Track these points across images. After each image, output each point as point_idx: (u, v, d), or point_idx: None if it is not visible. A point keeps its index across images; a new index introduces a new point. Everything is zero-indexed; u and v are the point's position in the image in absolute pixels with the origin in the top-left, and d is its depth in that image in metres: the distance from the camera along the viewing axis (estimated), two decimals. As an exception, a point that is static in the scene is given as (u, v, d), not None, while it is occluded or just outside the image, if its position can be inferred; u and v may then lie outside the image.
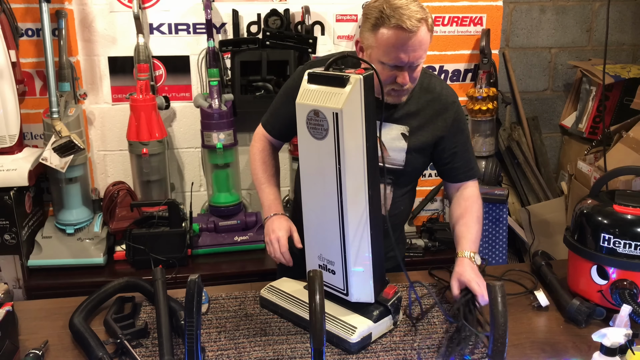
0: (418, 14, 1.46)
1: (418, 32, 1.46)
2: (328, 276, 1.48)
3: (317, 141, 1.36)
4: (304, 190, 1.48)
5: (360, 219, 1.39)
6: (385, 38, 1.47)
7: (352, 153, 1.34)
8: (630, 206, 1.54)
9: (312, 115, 1.35)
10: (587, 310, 1.52)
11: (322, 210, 1.43)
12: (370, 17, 1.50)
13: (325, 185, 1.38)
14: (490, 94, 2.76)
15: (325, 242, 1.45)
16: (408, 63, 1.50)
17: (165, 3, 2.69)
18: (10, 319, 1.43)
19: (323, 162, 1.36)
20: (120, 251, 2.55)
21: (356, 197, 1.37)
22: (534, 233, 3.10)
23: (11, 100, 2.34)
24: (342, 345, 1.42)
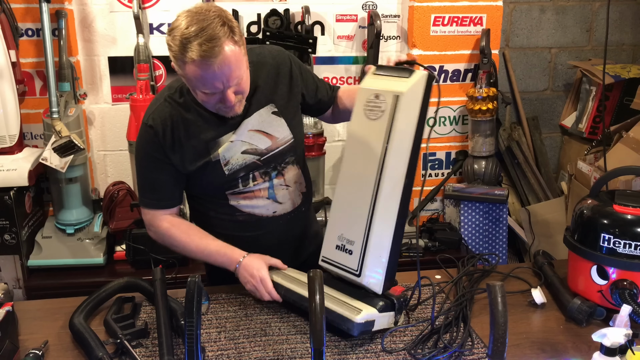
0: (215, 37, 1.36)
1: (219, 58, 1.37)
2: (343, 257, 1.49)
3: (370, 121, 1.44)
4: (343, 169, 1.53)
5: (393, 203, 1.44)
6: (192, 72, 1.41)
7: (401, 136, 1.41)
8: (630, 206, 1.54)
9: (373, 98, 1.44)
10: (588, 310, 1.52)
11: (357, 189, 1.46)
12: (173, 49, 1.41)
13: (368, 165, 1.43)
14: (490, 94, 2.76)
15: (351, 221, 1.47)
16: (228, 86, 1.44)
17: (165, 3, 2.69)
18: (10, 319, 1.43)
19: (371, 142, 1.44)
20: (120, 251, 2.55)
21: (394, 180, 1.43)
22: (534, 233, 3.10)
23: (11, 100, 2.34)
24: (344, 325, 1.41)
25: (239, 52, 1.43)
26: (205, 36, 1.36)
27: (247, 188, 1.64)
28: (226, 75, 1.42)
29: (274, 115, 1.64)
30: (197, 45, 1.36)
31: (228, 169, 1.61)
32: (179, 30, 1.38)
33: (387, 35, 2.88)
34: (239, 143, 1.60)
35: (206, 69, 1.39)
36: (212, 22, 1.37)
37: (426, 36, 2.78)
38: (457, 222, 2.91)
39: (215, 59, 1.37)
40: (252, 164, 1.62)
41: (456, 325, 1.49)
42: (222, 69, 1.39)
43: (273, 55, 1.66)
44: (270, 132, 1.64)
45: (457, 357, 1.40)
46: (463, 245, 2.79)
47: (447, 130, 2.94)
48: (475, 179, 2.89)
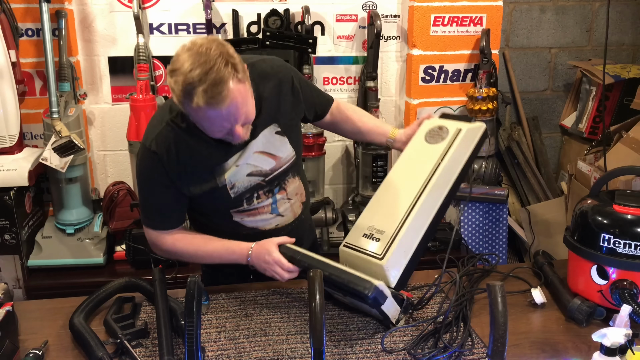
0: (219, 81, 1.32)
1: (225, 102, 1.34)
2: (368, 243, 1.53)
3: (428, 144, 1.67)
4: (392, 174, 1.69)
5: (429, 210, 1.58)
6: (198, 116, 1.38)
7: (453, 161, 1.61)
8: (630, 206, 1.54)
9: (436, 128, 1.68)
10: (588, 310, 1.52)
11: (400, 192, 1.62)
12: (177, 93, 1.36)
13: (416, 175, 1.61)
14: (490, 94, 2.76)
15: (387, 216, 1.57)
16: (236, 123, 1.42)
17: (165, 3, 2.69)
18: (10, 319, 1.43)
19: (425, 159, 1.63)
20: (120, 251, 2.55)
21: (436, 194, 1.58)
22: (534, 233, 3.10)
23: (11, 100, 2.34)
24: (361, 285, 1.40)
25: (244, 89, 1.39)
26: (209, 81, 1.31)
27: (251, 206, 1.64)
28: (234, 114, 1.39)
29: (278, 135, 1.63)
30: (203, 92, 1.32)
31: (234, 192, 1.60)
32: (181, 74, 1.33)
33: (387, 35, 2.88)
34: (244, 166, 1.59)
35: (213, 113, 1.37)
36: (215, 63, 1.32)
37: (426, 36, 2.78)
38: (457, 222, 2.91)
39: (222, 103, 1.34)
40: (257, 185, 1.62)
41: (456, 325, 1.49)
42: (229, 110, 1.37)
43: (275, 71, 1.62)
44: (274, 153, 1.63)
45: (457, 357, 1.40)
46: (463, 245, 2.79)
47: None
48: (475, 179, 2.89)
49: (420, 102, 2.85)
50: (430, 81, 2.85)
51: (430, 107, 2.87)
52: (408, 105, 2.88)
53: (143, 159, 1.56)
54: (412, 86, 2.83)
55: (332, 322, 1.55)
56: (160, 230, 1.62)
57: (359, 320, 1.56)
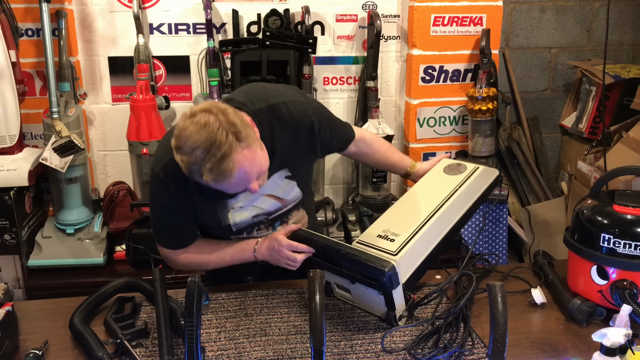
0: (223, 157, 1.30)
1: (233, 175, 1.33)
2: (383, 242, 1.56)
3: (446, 175, 1.79)
4: (413, 190, 1.80)
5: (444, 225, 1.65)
6: (212, 186, 1.38)
7: (469, 192, 1.72)
8: (630, 206, 1.53)
9: (455, 165, 1.82)
10: (588, 310, 1.52)
11: (419, 205, 1.71)
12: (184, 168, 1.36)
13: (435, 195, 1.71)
14: (490, 94, 2.76)
15: (404, 222, 1.63)
16: (248, 185, 1.41)
17: (165, 3, 2.69)
18: (10, 319, 1.43)
19: (443, 185, 1.74)
20: (120, 251, 2.55)
21: (449, 214, 1.67)
22: (534, 233, 3.10)
23: (11, 100, 2.34)
24: (379, 263, 1.43)
25: (250, 152, 1.35)
26: (214, 159, 1.30)
27: (251, 236, 1.67)
28: (244, 179, 1.38)
29: (287, 180, 1.62)
30: (209, 171, 1.32)
31: (236, 227, 1.63)
32: (185, 154, 1.32)
33: (387, 35, 2.88)
34: (249, 207, 1.61)
35: (223, 185, 1.37)
36: (216, 137, 1.30)
37: (426, 36, 2.78)
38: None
39: (231, 176, 1.34)
40: (260, 222, 1.65)
41: (456, 325, 1.49)
42: (239, 177, 1.36)
43: (295, 118, 1.57)
44: (282, 196, 1.63)
45: (457, 357, 1.40)
46: (463, 245, 2.79)
47: (447, 130, 2.94)
48: (475, 179, 2.89)
49: (420, 102, 2.85)
50: (430, 81, 2.85)
51: (430, 107, 2.87)
52: (408, 105, 2.88)
53: (153, 184, 1.56)
54: (412, 86, 2.83)
55: (332, 322, 1.55)
56: (172, 249, 1.65)
57: (359, 320, 1.56)
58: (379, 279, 1.43)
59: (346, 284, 1.57)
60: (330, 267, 1.56)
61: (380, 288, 1.46)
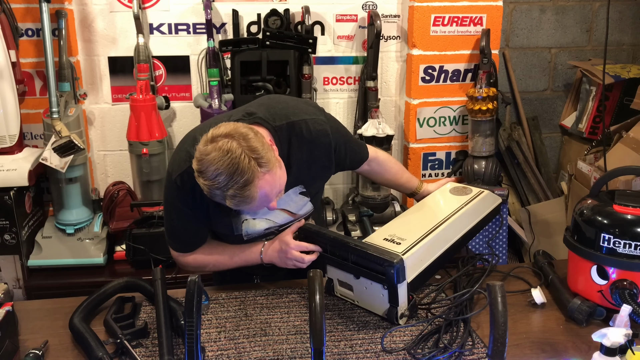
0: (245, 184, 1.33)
1: (255, 201, 1.37)
2: (388, 244, 1.57)
3: (452, 195, 1.87)
4: (422, 202, 1.88)
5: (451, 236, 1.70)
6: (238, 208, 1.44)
7: (472, 212, 1.78)
8: (630, 206, 1.54)
9: (461, 188, 1.89)
10: (588, 310, 1.52)
11: (427, 215, 1.77)
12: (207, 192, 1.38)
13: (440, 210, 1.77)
14: (490, 94, 2.76)
15: (410, 229, 1.65)
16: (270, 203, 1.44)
17: (165, 3, 2.69)
18: (10, 319, 1.43)
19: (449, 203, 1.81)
20: (120, 251, 2.55)
21: (453, 229, 1.71)
22: (534, 233, 3.10)
23: (11, 100, 2.34)
24: (387, 254, 1.45)
25: (270, 176, 1.38)
26: (237, 186, 1.33)
27: (260, 241, 1.69)
28: (265, 202, 1.41)
29: (301, 195, 1.65)
30: (231, 197, 1.35)
31: (247, 236, 1.66)
32: (207, 179, 1.34)
33: (387, 35, 2.88)
34: (262, 220, 1.64)
35: (245, 208, 1.43)
36: (238, 163, 1.32)
37: (426, 36, 2.78)
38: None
39: (253, 201, 1.37)
40: (270, 233, 1.68)
41: (456, 325, 1.49)
42: (260, 201, 1.39)
43: (314, 137, 1.58)
44: (294, 211, 1.66)
45: (457, 357, 1.40)
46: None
47: (447, 130, 2.94)
48: (475, 179, 2.89)
49: (420, 102, 2.85)
50: (430, 81, 2.85)
51: (430, 107, 2.87)
52: (408, 105, 2.88)
53: (169, 189, 1.58)
54: (412, 86, 2.83)
55: (332, 322, 1.55)
56: (182, 252, 1.69)
57: (359, 320, 1.56)
58: (387, 270, 1.45)
59: (350, 280, 1.58)
60: (336, 262, 1.58)
61: (386, 282, 1.47)
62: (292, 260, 1.60)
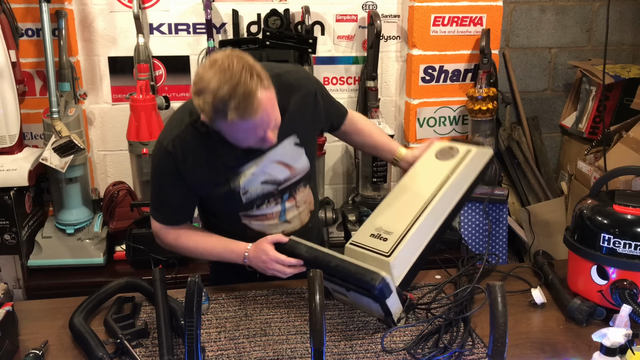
0: (249, 93, 1.34)
1: (258, 112, 1.37)
2: (376, 242, 1.54)
3: (438, 161, 1.73)
4: (405, 179, 1.74)
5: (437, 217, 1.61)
6: (231, 130, 1.42)
7: (463, 176, 1.67)
8: (630, 206, 1.54)
9: (447, 149, 1.75)
10: (588, 310, 1.52)
11: (409, 199, 1.66)
12: (206, 112, 1.39)
13: (429, 181, 1.67)
14: (490, 94, 2.76)
15: (396, 219, 1.60)
16: (268, 129, 1.44)
17: (165, 3, 2.69)
18: (10, 319, 1.43)
19: (436, 172, 1.69)
20: (120, 251, 2.55)
21: (444, 203, 1.62)
22: (534, 233, 3.10)
23: (11, 100, 2.34)
24: (369, 276, 1.41)
25: (271, 95, 1.41)
26: (239, 95, 1.34)
27: (260, 211, 1.66)
28: (266, 121, 1.41)
29: (296, 147, 1.65)
30: (235, 108, 1.34)
31: (246, 198, 1.62)
32: (210, 93, 1.34)
33: (387, 35, 2.88)
34: (260, 174, 1.61)
35: (246, 125, 1.39)
36: (240, 76, 1.34)
37: (426, 36, 2.78)
38: (457, 222, 2.91)
39: (256, 114, 1.37)
40: (269, 192, 1.64)
41: (456, 325, 1.49)
42: (262, 118, 1.39)
43: (301, 84, 1.63)
44: (291, 164, 1.64)
45: (457, 357, 1.40)
46: (463, 245, 2.79)
47: (447, 130, 2.94)
48: (475, 179, 2.89)
49: (420, 102, 2.85)
50: (430, 81, 2.85)
51: (430, 107, 2.87)
52: (408, 105, 2.88)
53: (158, 157, 1.57)
54: (412, 86, 2.83)
55: (332, 322, 1.55)
56: (164, 224, 1.65)
57: (359, 320, 1.56)
58: (370, 291, 1.42)
59: (342, 290, 1.57)
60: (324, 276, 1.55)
61: (373, 298, 1.46)
62: (271, 270, 1.56)
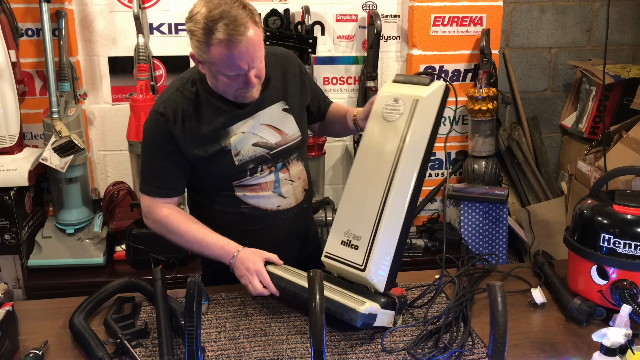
0: (239, 17, 1.42)
1: (245, 37, 1.43)
2: (348, 252, 1.49)
3: (387, 122, 1.51)
4: (355, 166, 1.57)
5: (402, 202, 1.47)
6: (218, 54, 1.45)
7: (417, 137, 1.47)
8: (630, 206, 1.54)
9: (392, 102, 1.51)
10: (588, 310, 1.52)
11: (367, 187, 1.51)
12: (197, 34, 1.45)
13: (381, 163, 1.48)
14: (490, 94, 2.76)
15: (359, 217, 1.50)
16: (250, 67, 1.49)
17: (165, 3, 2.69)
18: (10, 319, 1.43)
19: (387, 142, 1.49)
20: (120, 251, 2.55)
21: (406, 179, 1.47)
22: (534, 233, 3.10)
23: (11, 100, 2.34)
24: (348, 315, 1.40)
25: (260, 34, 1.50)
26: (229, 17, 1.42)
27: (254, 179, 1.66)
28: (251, 54, 1.47)
29: (285, 112, 1.69)
30: (224, 26, 1.41)
31: (238, 160, 1.63)
32: (201, 15, 1.43)
33: (387, 35, 2.88)
34: (250, 135, 1.63)
35: (232, 49, 1.44)
36: (232, 5, 1.43)
37: (426, 36, 2.78)
38: (457, 222, 2.91)
39: (242, 37, 1.43)
40: (262, 157, 1.65)
41: (456, 325, 1.49)
42: (247, 48, 1.45)
43: (284, 55, 1.73)
44: (281, 128, 1.68)
45: (457, 357, 1.40)
46: (463, 245, 2.79)
47: (447, 130, 2.94)
48: (475, 179, 2.89)
49: (420, 102, 2.85)
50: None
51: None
52: (408, 105, 2.88)
53: (150, 122, 1.62)
54: (412, 86, 2.83)
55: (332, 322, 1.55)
56: (156, 197, 1.64)
57: (359, 320, 1.56)
58: (353, 326, 1.42)
59: None
60: None
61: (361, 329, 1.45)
62: (246, 280, 1.54)
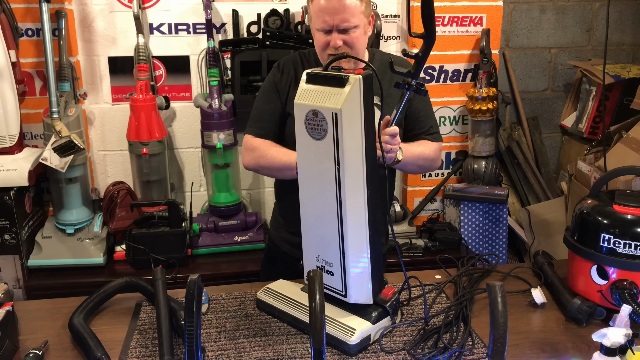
0: None
1: None
2: (327, 278, 1.48)
3: (316, 142, 1.36)
4: (301, 191, 1.46)
5: (359, 220, 1.39)
6: (315, 5, 1.66)
7: (351, 153, 1.33)
8: (630, 206, 1.54)
9: (311, 116, 1.35)
10: (588, 310, 1.52)
11: (320, 212, 1.42)
12: None
13: (324, 186, 1.38)
14: (490, 94, 2.76)
15: (324, 243, 1.45)
16: (334, 26, 1.63)
17: (165, 3, 2.69)
18: (10, 319, 1.43)
19: (322, 163, 1.36)
20: (120, 251, 2.55)
21: (355, 198, 1.37)
22: (534, 233, 3.10)
23: (11, 100, 2.34)
24: (341, 347, 1.42)
25: (358, 6, 1.63)
26: None
27: None
28: (340, 13, 1.61)
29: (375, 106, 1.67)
30: None
31: None
32: None
33: (387, 35, 2.88)
34: None
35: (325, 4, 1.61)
36: None
37: (426, 36, 2.77)
38: (457, 222, 2.91)
39: None
40: None
41: (456, 325, 1.49)
42: (338, 6, 1.60)
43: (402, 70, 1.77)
44: None
45: (457, 357, 1.40)
46: (463, 245, 2.79)
47: (447, 130, 2.94)
48: (475, 179, 2.89)
49: (420, 102, 2.85)
50: (430, 81, 2.85)
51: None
52: (408, 105, 2.88)
53: (269, 75, 1.85)
54: (412, 86, 2.83)
55: (332, 322, 1.55)
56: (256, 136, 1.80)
57: (359, 320, 1.55)
58: None
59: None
60: None
61: None
62: None
